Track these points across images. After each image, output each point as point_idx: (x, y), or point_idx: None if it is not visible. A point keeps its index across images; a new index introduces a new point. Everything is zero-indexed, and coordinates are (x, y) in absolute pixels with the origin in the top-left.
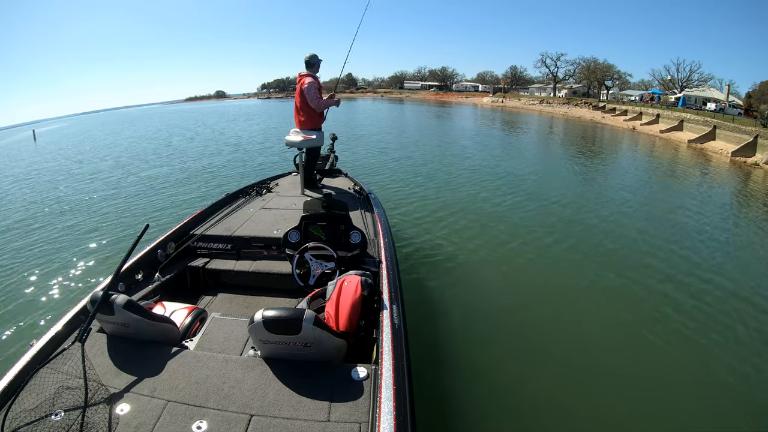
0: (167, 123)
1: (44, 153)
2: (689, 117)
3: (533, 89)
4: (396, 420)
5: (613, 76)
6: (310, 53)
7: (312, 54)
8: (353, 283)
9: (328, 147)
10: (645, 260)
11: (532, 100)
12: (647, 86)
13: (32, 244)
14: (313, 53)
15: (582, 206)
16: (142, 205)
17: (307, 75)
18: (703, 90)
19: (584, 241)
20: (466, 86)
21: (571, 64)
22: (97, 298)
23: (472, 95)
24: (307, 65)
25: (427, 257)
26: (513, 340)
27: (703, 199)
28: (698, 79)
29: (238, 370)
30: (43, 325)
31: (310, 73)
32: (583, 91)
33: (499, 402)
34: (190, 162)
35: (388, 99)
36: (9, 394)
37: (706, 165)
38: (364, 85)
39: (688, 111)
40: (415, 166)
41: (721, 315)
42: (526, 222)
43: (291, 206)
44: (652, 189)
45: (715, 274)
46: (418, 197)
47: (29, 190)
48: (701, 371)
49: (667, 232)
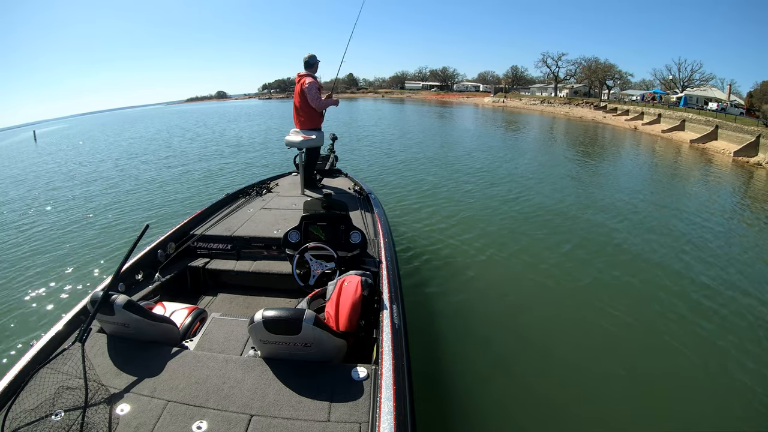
0: (168, 124)
1: (44, 154)
2: (691, 117)
3: (534, 89)
4: (396, 420)
5: (614, 76)
6: (309, 54)
7: (311, 54)
8: (353, 283)
9: (328, 147)
10: (647, 260)
11: (534, 100)
12: (648, 86)
13: (32, 244)
14: (312, 54)
15: (585, 207)
16: (142, 205)
17: (307, 75)
18: (704, 90)
19: (586, 241)
20: (467, 86)
21: (572, 63)
22: (97, 298)
23: (473, 95)
24: (306, 65)
25: (427, 257)
26: (514, 340)
27: (707, 199)
28: (700, 79)
29: (238, 370)
30: (43, 325)
31: (310, 73)
32: (584, 91)
33: (499, 402)
34: (190, 162)
35: (389, 99)
36: (9, 394)
37: (709, 165)
38: (365, 85)
39: (690, 111)
40: (418, 166)
41: (725, 313)
42: (528, 222)
43: (291, 206)
44: (655, 189)
45: (719, 274)
46: (419, 197)
47: (29, 190)
48: (703, 372)
49: (670, 232)
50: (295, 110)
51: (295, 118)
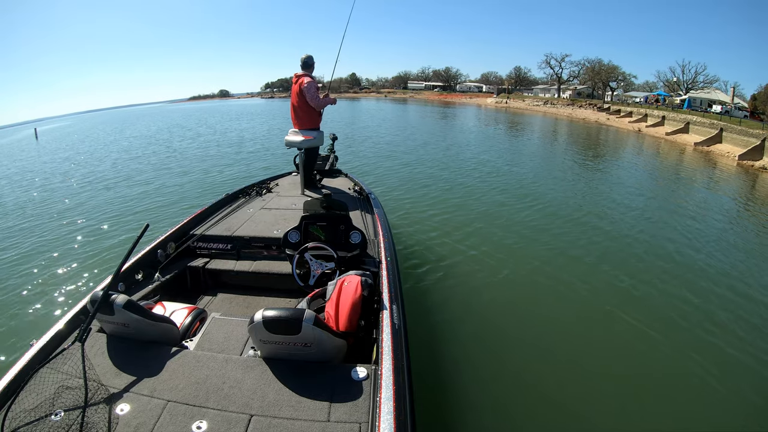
0: (168, 123)
1: (44, 153)
2: (695, 119)
3: (537, 90)
4: (396, 420)
5: (617, 78)
6: (306, 54)
7: (308, 55)
8: (353, 283)
9: (328, 147)
10: (648, 261)
11: (537, 101)
12: (651, 88)
13: (32, 243)
14: (309, 54)
15: (588, 210)
16: (143, 205)
17: (305, 75)
18: (708, 92)
19: (589, 243)
20: (470, 87)
21: (575, 65)
22: (97, 298)
23: (476, 96)
24: (304, 66)
25: (427, 258)
26: (514, 340)
27: (712, 202)
28: (704, 81)
29: (238, 370)
30: (43, 324)
31: (307, 73)
32: (587, 92)
33: (499, 402)
34: (191, 163)
35: (391, 99)
36: (9, 394)
37: (713, 168)
38: (367, 85)
39: (694, 113)
40: (419, 168)
41: (729, 315)
42: (530, 224)
43: (291, 206)
44: (661, 192)
45: (724, 277)
46: (419, 197)
47: (28, 190)
48: (706, 373)
49: (674, 234)
50: (294, 110)
51: (293, 118)
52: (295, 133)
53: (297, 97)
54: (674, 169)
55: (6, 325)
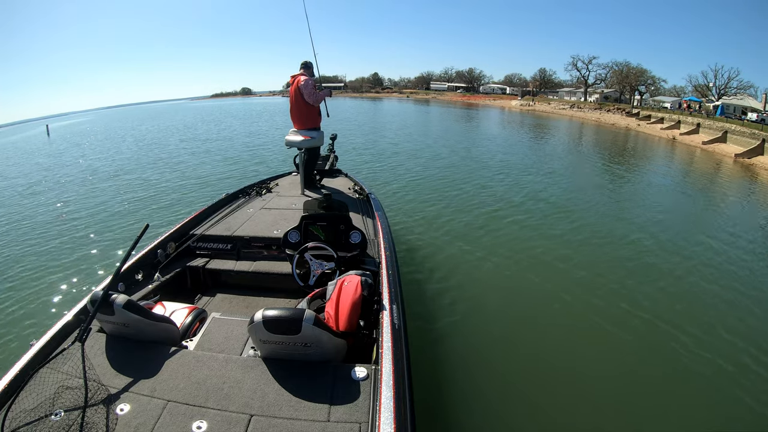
0: (182, 123)
1: (54, 151)
2: (733, 128)
3: (563, 93)
4: (396, 420)
5: (646, 82)
6: (306, 60)
7: (308, 60)
8: (353, 284)
9: (328, 147)
10: (660, 271)
11: (563, 105)
12: (679, 92)
13: (32, 243)
14: (308, 60)
15: (608, 219)
16: (143, 205)
17: (302, 74)
18: (741, 98)
19: (593, 246)
20: (494, 88)
21: (603, 68)
22: (97, 298)
23: (499, 98)
24: (304, 67)
25: (427, 258)
26: (514, 341)
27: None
28: (737, 87)
29: (238, 370)
30: (43, 324)
31: (304, 72)
32: (614, 96)
33: (499, 402)
34: (191, 163)
35: (413, 100)
36: (9, 394)
37: (758, 183)
38: (390, 84)
39: (732, 121)
40: (436, 169)
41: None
42: (531, 226)
43: (291, 206)
44: (700, 206)
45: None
46: (420, 197)
47: (28, 189)
48: (708, 375)
49: (711, 250)
50: (293, 110)
51: (293, 118)
52: (296, 133)
53: (295, 97)
54: (722, 185)
55: (6, 324)
